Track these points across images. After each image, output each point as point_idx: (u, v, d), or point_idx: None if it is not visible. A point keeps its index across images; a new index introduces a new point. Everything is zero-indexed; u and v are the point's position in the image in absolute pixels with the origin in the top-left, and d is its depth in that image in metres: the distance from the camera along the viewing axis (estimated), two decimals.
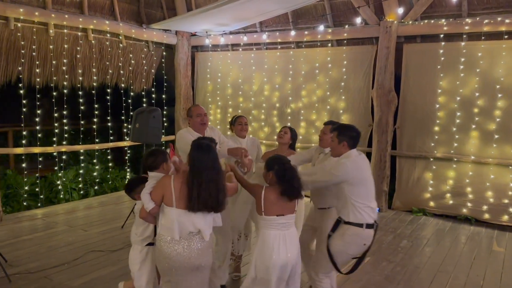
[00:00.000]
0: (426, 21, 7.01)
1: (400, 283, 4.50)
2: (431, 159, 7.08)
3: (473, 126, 6.72)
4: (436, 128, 7.03)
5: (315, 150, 4.15)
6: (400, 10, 7.05)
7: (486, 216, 6.60)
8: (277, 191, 3.07)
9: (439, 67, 6.97)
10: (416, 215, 7.05)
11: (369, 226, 3.33)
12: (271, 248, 3.07)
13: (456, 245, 5.73)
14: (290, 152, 4.45)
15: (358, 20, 7.37)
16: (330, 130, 3.75)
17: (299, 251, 3.20)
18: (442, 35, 6.92)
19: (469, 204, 6.73)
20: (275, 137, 8.26)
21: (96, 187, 8.06)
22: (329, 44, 7.98)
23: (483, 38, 6.61)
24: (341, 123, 3.70)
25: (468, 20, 6.65)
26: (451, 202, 6.92)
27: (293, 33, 8.10)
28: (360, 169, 3.35)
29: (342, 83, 7.77)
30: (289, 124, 8.22)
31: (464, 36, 6.79)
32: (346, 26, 7.67)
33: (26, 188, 6.99)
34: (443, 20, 6.86)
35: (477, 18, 6.60)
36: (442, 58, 6.95)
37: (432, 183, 7.07)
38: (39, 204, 7.07)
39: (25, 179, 7.03)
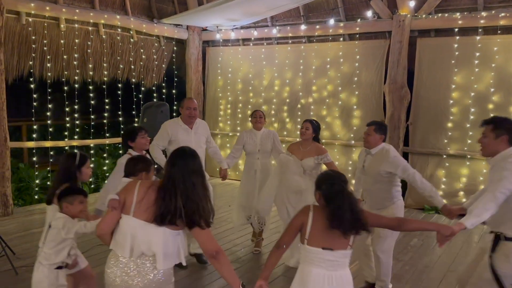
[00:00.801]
0: (440, 14, 6.86)
1: (409, 282, 4.41)
2: (444, 156, 6.93)
3: None
4: (450, 125, 6.88)
5: (361, 153, 4.13)
6: (414, 4, 6.91)
7: None
8: (326, 217, 2.36)
9: (453, 62, 6.81)
10: (428, 213, 6.92)
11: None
12: None
13: (468, 244, 5.60)
14: (316, 146, 4.50)
15: (371, 13, 7.24)
16: (377, 130, 3.77)
17: None
18: (456, 29, 6.75)
19: None
20: (285, 132, 8.31)
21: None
22: (341, 39, 7.86)
23: (499, 32, 6.43)
24: (494, 115, 3.25)
25: (484, 14, 6.47)
26: (464, 200, 6.76)
27: (304, 27, 8.01)
28: None
29: (354, 78, 7.65)
30: (299, 119, 8.16)
31: (480, 30, 6.61)
32: (358, 20, 7.54)
33: (37, 181, 7.05)
34: (458, 14, 6.69)
35: (493, 12, 6.42)
36: (457, 53, 6.78)
37: (445, 180, 6.93)
38: None
39: (36, 173, 7.09)
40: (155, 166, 4.02)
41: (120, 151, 8.56)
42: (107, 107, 7.98)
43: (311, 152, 4.43)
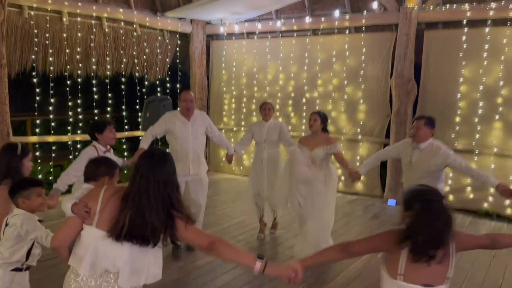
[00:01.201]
0: (448, 6, 6.70)
1: None
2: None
3: (497, 117, 6.42)
4: (457, 119, 6.75)
5: (402, 146, 4.16)
6: None
7: (509, 211, 6.32)
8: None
9: (461, 54, 6.67)
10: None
11: None
12: None
13: None
14: (325, 137, 4.59)
15: (377, 5, 7.10)
16: (427, 124, 3.82)
17: None
18: (465, 21, 6.61)
19: (490, 199, 6.45)
20: (289, 127, 8.21)
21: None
22: (347, 31, 7.72)
23: (508, 23, 6.28)
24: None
25: (493, 5, 6.32)
26: (471, 196, 6.66)
27: (309, 20, 7.88)
28: None
29: (360, 72, 7.53)
30: (304, 114, 8.07)
31: (489, 22, 6.45)
32: (365, 12, 7.40)
33: (40, 176, 7.03)
34: (466, 5, 6.54)
35: (502, 3, 6.27)
36: (465, 45, 6.64)
37: (451, 176, 6.79)
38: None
39: (39, 168, 7.06)
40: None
41: (124, 146, 8.53)
42: (110, 101, 7.93)
43: (320, 142, 4.53)
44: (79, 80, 7.39)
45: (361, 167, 4.52)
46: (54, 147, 7.15)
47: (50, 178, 7.10)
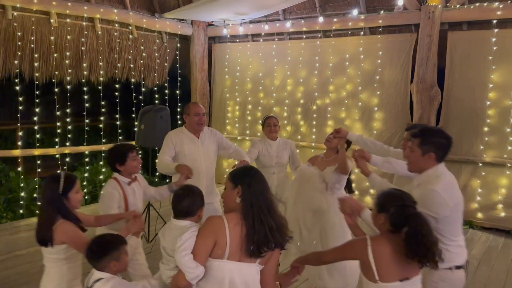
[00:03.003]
0: (477, 4, 6.06)
1: None
2: (480, 164, 6.16)
3: None
4: (486, 129, 6.10)
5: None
6: None
7: None
8: (391, 242, 2.10)
9: (490, 58, 6.03)
10: (464, 228, 6.15)
11: (458, 267, 2.52)
12: None
13: None
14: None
15: (399, 3, 6.48)
16: (409, 135, 2.87)
17: None
18: (494, 21, 5.98)
19: None
20: (299, 136, 7.59)
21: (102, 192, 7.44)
22: (362, 33, 7.09)
23: None
24: (424, 127, 2.86)
25: None
26: (503, 214, 6.01)
27: (320, 20, 7.25)
28: (456, 194, 2.53)
29: (376, 77, 6.89)
30: (314, 122, 7.44)
31: None
32: (381, 12, 6.77)
33: (23, 194, 6.35)
34: (497, 4, 5.91)
35: None
36: (495, 48, 6.00)
37: (480, 191, 6.16)
38: (37, 211, 6.47)
39: (22, 184, 6.40)
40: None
41: None
42: (103, 110, 7.29)
43: (333, 162, 3.65)
44: (68, 87, 6.75)
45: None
46: (38, 162, 6.51)
47: (35, 195, 6.46)
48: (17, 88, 6.19)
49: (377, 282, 2.10)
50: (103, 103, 7.24)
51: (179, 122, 8.18)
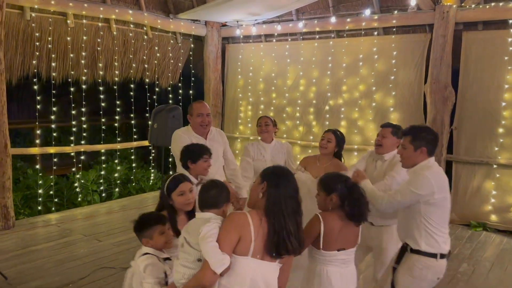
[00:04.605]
0: (493, 4, 5.98)
1: None
2: (494, 166, 6.08)
3: None
4: (501, 130, 6.02)
5: (368, 157, 3.51)
6: None
7: None
8: (340, 218, 2.49)
9: (506, 58, 5.95)
10: (475, 230, 6.09)
11: (443, 256, 2.77)
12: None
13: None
14: (336, 163, 3.63)
15: (412, 3, 6.43)
16: (395, 134, 3.25)
17: None
18: (511, 21, 5.89)
19: None
20: (311, 137, 7.59)
21: (117, 189, 7.55)
22: (375, 33, 7.05)
23: None
24: (412, 125, 3.00)
25: None
26: None
27: (333, 20, 7.24)
28: (443, 183, 2.80)
29: (390, 77, 6.85)
30: (327, 123, 7.42)
31: None
32: (395, 12, 6.73)
33: (41, 191, 6.51)
34: None
35: None
36: (511, 48, 5.92)
37: (495, 193, 6.08)
38: (53, 208, 6.61)
39: (40, 182, 6.55)
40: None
41: (133, 156, 8.00)
42: (118, 109, 7.41)
43: (329, 169, 3.41)
44: (84, 87, 6.88)
45: None
46: (55, 159, 6.65)
47: (51, 192, 6.60)
48: (35, 87, 6.33)
49: (320, 249, 2.47)
50: (118, 102, 7.35)
51: None
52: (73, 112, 6.84)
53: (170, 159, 7.86)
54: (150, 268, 2.40)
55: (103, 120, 7.24)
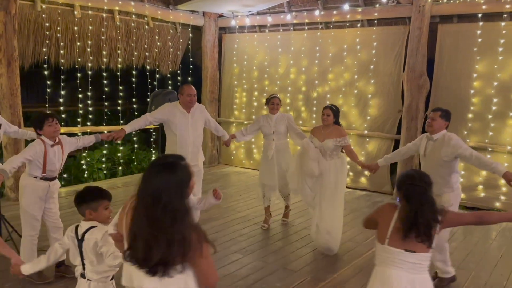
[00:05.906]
0: None
1: None
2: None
3: (511, 114, 6.22)
4: (470, 115, 6.57)
5: (420, 139, 4.29)
6: None
7: None
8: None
9: (475, 49, 6.47)
10: None
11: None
12: None
13: (484, 241, 5.36)
14: (337, 129, 4.77)
15: None
16: (443, 117, 4.05)
17: None
18: (480, 15, 6.40)
19: (502, 198, 6.28)
20: (300, 121, 8.15)
21: (120, 168, 8.17)
22: (359, 25, 7.57)
23: None
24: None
25: None
26: (483, 194, 6.49)
27: (321, 13, 7.77)
28: None
29: (372, 66, 7.39)
30: (315, 108, 7.98)
31: (505, 15, 6.24)
32: (377, 5, 7.25)
33: None
34: None
35: None
36: (479, 40, 6.44)
37: (463, 173, 6.62)
38: (62, 183, 7.26)
39: None
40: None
41: (135, 138, 8.61)
42: (121, 94, 8.01)
43: (331, 134, 4.73)
44: (89, 73, 7.48)
45: (382, 160, 4.64)
46: None
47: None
48: (45, 73, 6.92)
49: (384, 243, 2.31)
50: (121, 88, 7.95)
51: None
52: (80, 96, 7.43)
53: None
54: (107, 237, 2.41)
55: (106, 103, 7.83)
